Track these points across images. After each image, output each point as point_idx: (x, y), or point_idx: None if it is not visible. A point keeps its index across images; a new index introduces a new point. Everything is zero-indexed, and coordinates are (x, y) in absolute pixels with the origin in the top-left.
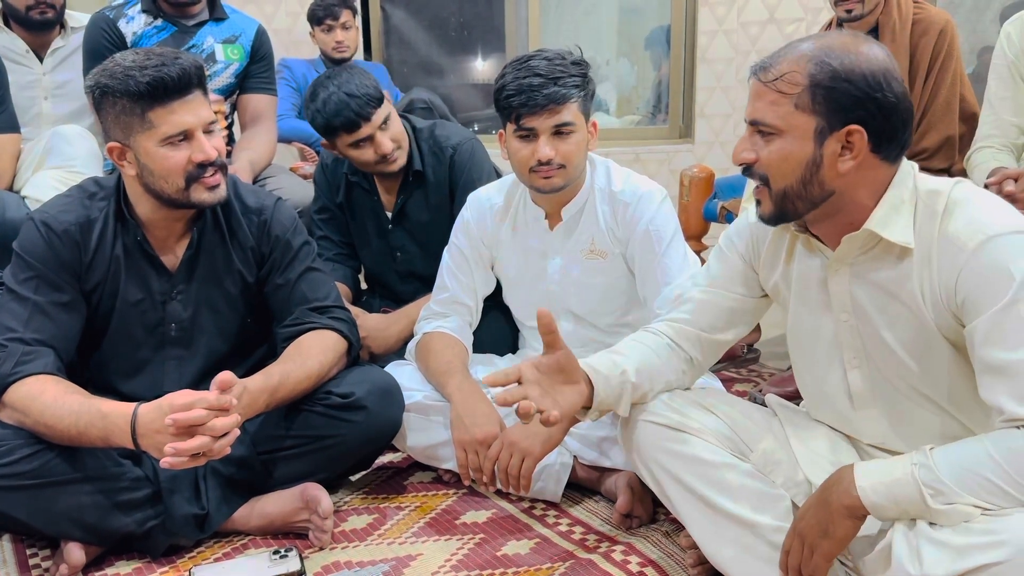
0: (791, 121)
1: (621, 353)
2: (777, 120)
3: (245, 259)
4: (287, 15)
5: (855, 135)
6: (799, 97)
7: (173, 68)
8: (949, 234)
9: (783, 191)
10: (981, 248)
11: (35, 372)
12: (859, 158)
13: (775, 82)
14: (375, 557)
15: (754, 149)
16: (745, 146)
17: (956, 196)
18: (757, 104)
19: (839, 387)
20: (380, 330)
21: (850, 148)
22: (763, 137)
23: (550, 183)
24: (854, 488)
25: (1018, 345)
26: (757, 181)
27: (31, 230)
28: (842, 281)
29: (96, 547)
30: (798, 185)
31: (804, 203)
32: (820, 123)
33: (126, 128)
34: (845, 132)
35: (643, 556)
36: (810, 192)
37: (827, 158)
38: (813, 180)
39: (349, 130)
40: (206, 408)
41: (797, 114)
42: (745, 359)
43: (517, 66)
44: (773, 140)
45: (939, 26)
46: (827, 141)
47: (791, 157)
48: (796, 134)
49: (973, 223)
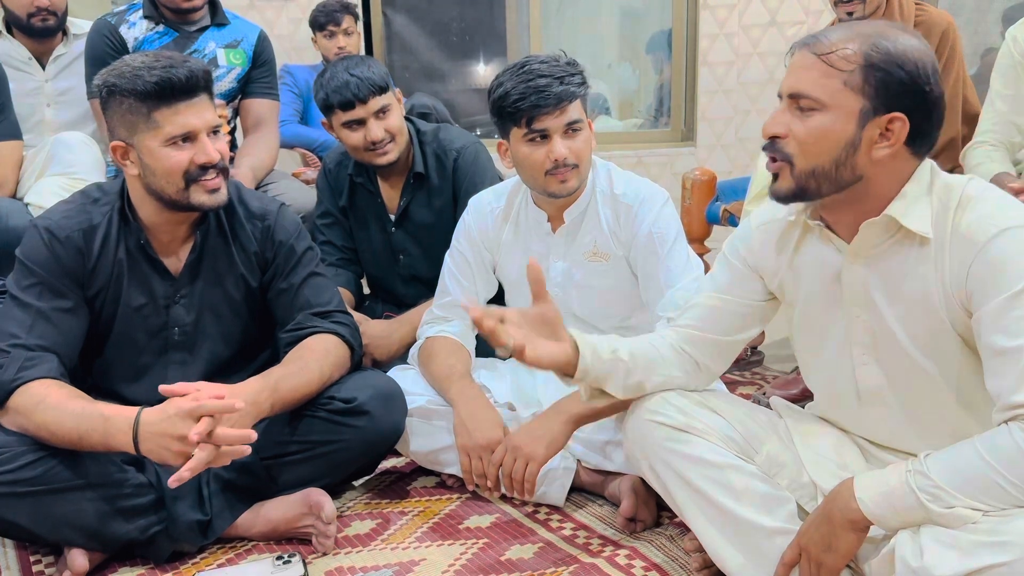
0: (838, 98)
1: (616, 339)
2: (824, 94)
3: (248, 263)
4: (289, 21)
5: (897, 122)
6: (851, 75)
7: (181, 70)
8: (962, 229)
9: (811, 170)
10: (992, 241)
11: (37, 377)
12: (895, 147)
13: (828, 55)
14: (379, 562)
15: (788, 124)
16: (779, 119)
17: (969, 192)
18: (803, 75)
19: (847, 384)
20: (383, 336)
21: (888, 136)
22: (802, 112)
23: (566, 186)
24: (854, 501)
25: (1020, 332)
26: (778, 157)
27: (34, 237)
28: (856, 274)
29: (99, 553)
30: (830, 165)
31: (829, 184)
32: (866, 105)
33: (131, 127)
34: (888, 118)
35: (647, 560)
36: (840, 174)
37: (864, 142)
38: (847, 162)
39: (344, 108)
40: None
41: (846, 92)
42: (749, 362)
43: (516, 72)
44: (813, 115)
45: (941, 28)
46: (868, 124)
47: (830, 135)
48: (840, 112)
49: (985, 217)
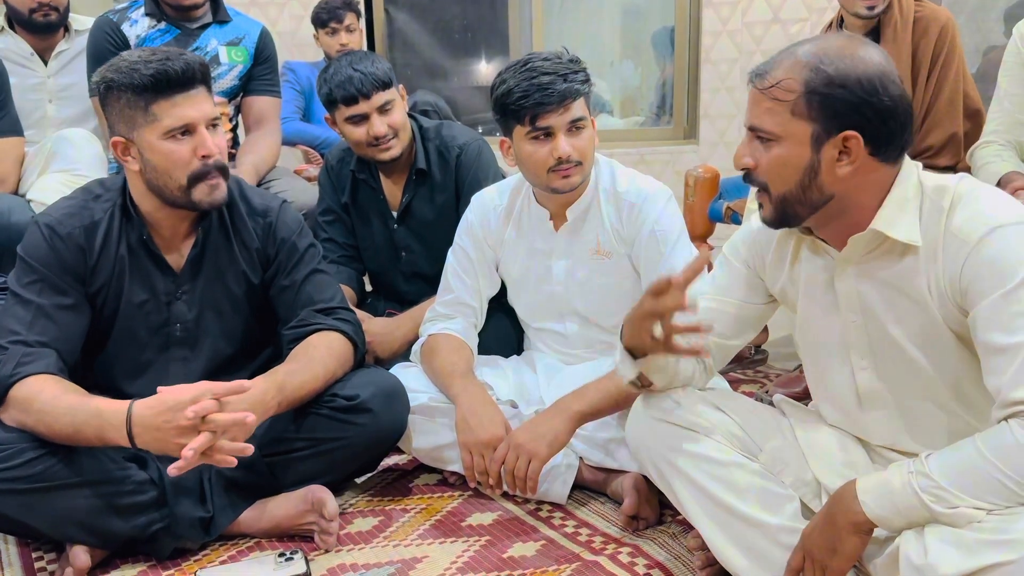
0: (788, 128)
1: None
2: (774, 127)
3: (250, 260)
4: (291, 18)
5: (851, 140)
6: (795, 104)
7: (177, 62)
8: (954, 228)
9: (783, 196)
10: (985, 239)
11: (35, 372)
12: (857, 163)
13: (771, 89)
14: (381, 559)
15: (753, 155)
16: (745, 152)
17: (961, 191)
18: (755, 110)
19: (847, 388)
20: (385, 334)
21: (847, 153)
22: (762, 143)
23: (569, 182)
24: (857, 504)
25: (1018, 329)
26: (757, 186)
27: (35, 234)
28: (848, 281)
29: (101, 550)
30: (797, 190)
31: (804, 207)
32: (816, 129)
33: (129, 122)
34: (841, 138)
35: (650, 558)
36: (809, 197)
37: (825, 163)
38: (812, 185)
39: (347, 103)
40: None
41: (794, 120)
42: (752, 360)
43: (518, 70)
44: (771, 146)
45: (940, 24)
46: (824, 147)
47: (789, 163)
48: (793, 140)
49: (977, 216)
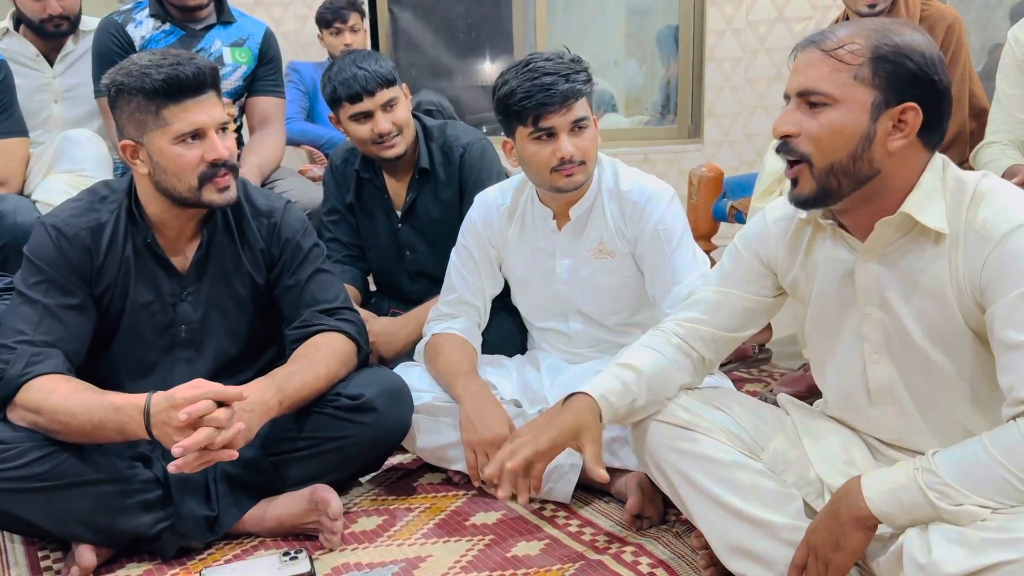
0: (849, 92)
1: (635, 368)
2: (835, 89)
3: (255, 261)
4: (295, 18)
5: (909, 113)
6: (860, 68)
7: (189, 67)
8: (977, 224)
9: (830, 166)
10: (1008, 237)
11: (45, 372)
12: (909, 138)
13: (837, 51)
14: (385, 558)
15: (798, 123)
16: (790, 119)
17: (983, 187)
18: (811, 73)
19: (858, 383)
20: (389, 334)
21: (901, 127)
22: (812, 108)
23: (572, 180)
24: (862, 499)
25: None
26: (794, 158)
27: (41, 234)
28: (870, 272)
29: (107, 549)
30: (847, 160)
31: (850, 181)
32: (878, 97)
33: (140, 125)
34: (900, 109)
35: (653, 557)
36: (858, 168)
37: (879, 134)
38: (863, 156)
39: (351, 101)
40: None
41: (856, 85)
42: (756, 359)
43: (520, 70)
44: (824, 112)
45: (947, 22)
46: (882, 117)
47: (845, 130)
48: (853, 106)
49: (1001, 213)
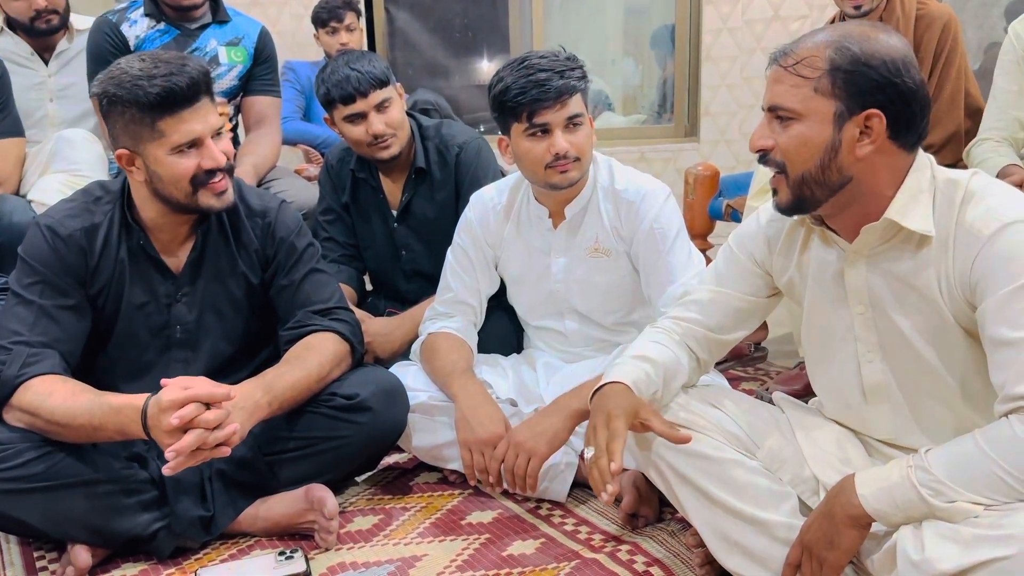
0: (810, 105)
1: (651, 360)
2: (796, 104)
3: (249, 261)
4: (291, 17)
5: (873, 119)
6: (819, 81)
7: (182, 78)
8: (966, 223)
9: (801, 177)
10: (997, 235)
11: (41, 373)
12: (877, 143)
13: (795, 66)
14: (380, 558)
15: (772, 136)
16: (763, 133)
17: (973, 186)
18: (776, 89)
19: (852, 381)
20: (385, 334)
21: (868, 133)
22: (781, 123)
23: (567, 177)
24: (855, 497)
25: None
26: (774, 169)
27: (36, 235)
28: (859, 273)
29: (103, 549)
30: (816, 170)
31: (822, 189)
32: (839, 107)
33: (135, 137)
34: (864, 116)
35: (649, 555)
36: (828, 177)
37: (845, 142)
38: (831, 165)
39: (345, 102)
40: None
41: (817, 98)
42: (752, 357)
43: (516, 67)
44: (792, 125)
45: (943, 21)
46: (846, 125)
47: (810, 141)
48: (815, 118)
49: (990, 211)
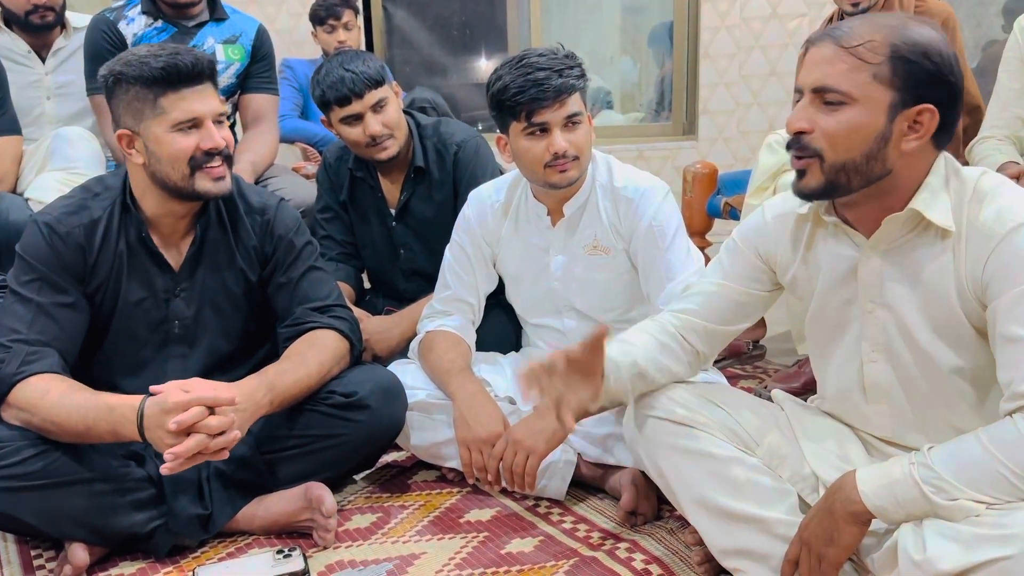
0: (867, 91)
1: (631, 343)
2: (853, 88)
3: (248, 258)
4: (289, 15)
5: (925, 114)
6: (879, 67)
7: (187, 56)
8: (979, 223)
9: (842, 164)
10: (1010, 235)
11: (39, 371)
12: (924, 139)
13: (856, 48)
14: (379, 556)
15: (811, 119)
16: (803, 114)
17: (984, 186)
18: (827, 70)
19: (854, 380)
20: (383, 332)
21: (916, 128)
22: (828, 106)
23: (566, 176)
24: (856, 493)
25: None
26: (803, 154)
27: (34, 232)
28: (873, 267)
29: (100, 548)
30: (861, 159)
31: (860, 179)
32: (896, 97)
33: (137, 114)
34: (916, 110)
35: (648, 553)
36: (871, 168)
37: (895, 135)
38: (878, 156)
39: (340, 104)
40: (202, 404)
41: (874, 84)
42: (750, 355)
43: (514, 66)
44: (841, 110)
45: (941, 19)
46: (898, 118)
47: (861, 129)
48: (870, 105)
49: (1004, 211)
